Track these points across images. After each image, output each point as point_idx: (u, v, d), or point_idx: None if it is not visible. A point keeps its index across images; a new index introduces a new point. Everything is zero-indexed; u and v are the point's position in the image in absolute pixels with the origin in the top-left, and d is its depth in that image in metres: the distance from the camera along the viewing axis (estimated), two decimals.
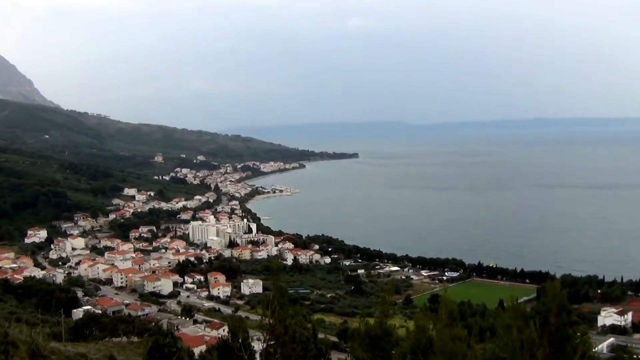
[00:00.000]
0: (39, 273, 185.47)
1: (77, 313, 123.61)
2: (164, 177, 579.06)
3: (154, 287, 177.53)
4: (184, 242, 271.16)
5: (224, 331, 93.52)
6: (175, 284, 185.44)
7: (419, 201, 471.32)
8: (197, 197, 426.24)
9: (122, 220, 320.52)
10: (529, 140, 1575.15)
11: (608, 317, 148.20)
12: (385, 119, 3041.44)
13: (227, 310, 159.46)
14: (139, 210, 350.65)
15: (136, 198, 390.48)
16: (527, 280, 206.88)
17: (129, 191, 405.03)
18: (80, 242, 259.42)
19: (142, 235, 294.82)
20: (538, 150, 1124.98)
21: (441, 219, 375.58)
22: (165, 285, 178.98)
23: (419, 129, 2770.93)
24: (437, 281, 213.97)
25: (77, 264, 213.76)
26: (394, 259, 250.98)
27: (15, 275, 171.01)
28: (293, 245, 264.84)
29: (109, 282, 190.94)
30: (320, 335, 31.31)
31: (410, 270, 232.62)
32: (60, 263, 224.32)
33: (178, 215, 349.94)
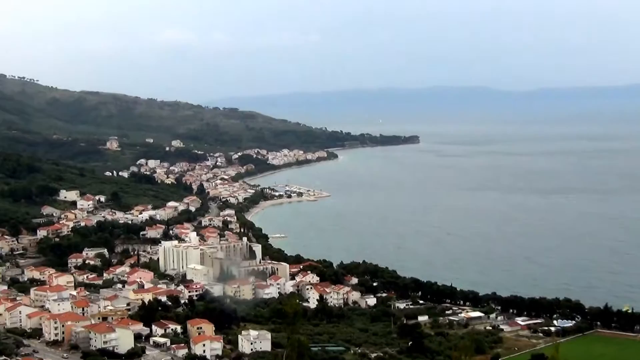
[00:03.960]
0: None
1: None
2: (120, 173, 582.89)
3: (105, 343, 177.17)
4: (152, 274, 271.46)
5: None
6: (138, 337, 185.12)
7: (513, 211, 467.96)
8: (172, 203, 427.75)
9: (56, 240, 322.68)
10: None
11: None
12: (459, 83, 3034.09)
13: None
14: (83, 224, 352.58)
15: (78, 205, 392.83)
16: None
17: (66, 195, 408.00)
18: None
19: (87, 262, 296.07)
20: None
21: (547, 239, 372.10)
22: (122, 340, 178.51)
23: (510, 98, 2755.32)
24: (541, 334, 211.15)
25: None
26: (474, 299, 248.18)
27: None
28: (318, 279, 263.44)
29: (37, 334, 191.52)
30: None
31: (499, 318, 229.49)
32: None
33: (142, 232, 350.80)
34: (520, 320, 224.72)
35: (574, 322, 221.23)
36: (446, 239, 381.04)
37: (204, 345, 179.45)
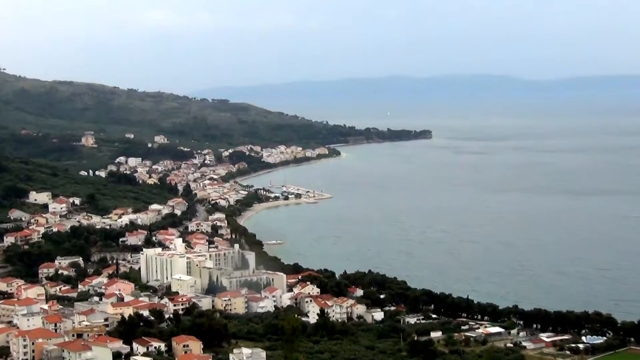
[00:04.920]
0: None
1: None
2: (97, 173, 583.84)
3: None
4: (132, 285, 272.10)
5: None
6: (117, 355, 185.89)
7: (538, 214, 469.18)
8: (155, 206, 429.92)
9: (25, 247, 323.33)
10: None
11: None
12: (477, 70, 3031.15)
13: None
14: (55, 229, 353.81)
15: (50, 209, 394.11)
16: None
17: (37, 197, 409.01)
18: None
19: (60, 272, 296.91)
20: None
21: (576, 245, 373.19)
22: (99, 359, 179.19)
23: (535, 87, 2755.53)
24: (568, 352, 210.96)
25: None
26: (492, 313, 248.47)
27: None
28: (319, 290, 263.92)
29: (4, 352, 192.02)
30: None
31: (521, 334, 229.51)
32: None
33: (122, 239, 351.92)
34: (544, 337, 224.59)
35: (604, 338, 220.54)
36: (462, 246, 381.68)
37: None
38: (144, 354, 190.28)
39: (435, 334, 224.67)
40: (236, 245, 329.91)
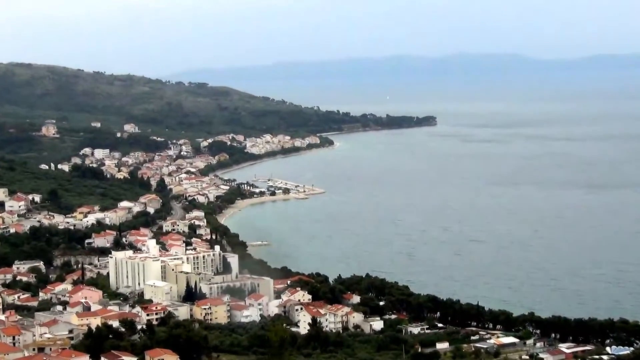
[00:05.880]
0: None
1: None
2: (59, 167, 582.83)
3: None
4: (100, 293, 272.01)
5: None
6: None
7: (556, 211, 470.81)
8: (124, 204, 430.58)
9: None
10: None
11: None
12: (487, 50, 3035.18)
13: None
14: (13, 230, 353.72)
15: (7, 207, 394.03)
16: None
17: None
18: None
19: (18, 278, 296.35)
20: None
21: (599, 245, 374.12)
22: None
23: (552, 68, 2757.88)
24: None
25: None
26: (506, 321, 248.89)
27: None
28: (311, 297, 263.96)
29: None
30: None
31: (538, 344, 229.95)
32: None
33: (88, 241, 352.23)
34: (564, 347, 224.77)
35: (632, 348, 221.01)
36: (470, 246, 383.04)
37: None
38: None
39: (442, 346, 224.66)
40: (217, 247, 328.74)
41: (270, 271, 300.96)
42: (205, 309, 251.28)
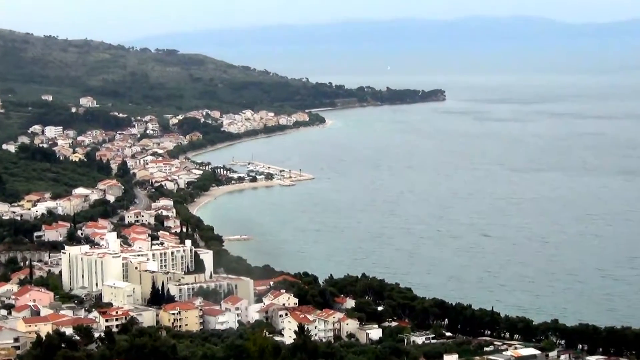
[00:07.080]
0: None
1: None
2: (4, 147, 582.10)
3: None
4: (51, 295, 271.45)
5: None
6: None
7: (584, 201, 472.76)
8: (80, 191, 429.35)
9: None
10: None
11: None
12: (505, 12, 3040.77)
13: None
14: None
15: None
16: None
17: None
18: None
19: None
20: None
21: (632, 242, 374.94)
22: None
23: (582, 33, 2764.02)
24: None
25: None
26: (525, 329, 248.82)
27: None
28: (297, 301, 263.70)
29: None
30: None
31: (563, 356, 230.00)
32: None
33: (37, 234, 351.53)
34: None
35: None
36: (483, 242, 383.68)
37: None
38: None
39: (450, 358, 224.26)
40: (188, 242, 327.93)
41: (250, 270, 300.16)
42: (174, 314, 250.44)
